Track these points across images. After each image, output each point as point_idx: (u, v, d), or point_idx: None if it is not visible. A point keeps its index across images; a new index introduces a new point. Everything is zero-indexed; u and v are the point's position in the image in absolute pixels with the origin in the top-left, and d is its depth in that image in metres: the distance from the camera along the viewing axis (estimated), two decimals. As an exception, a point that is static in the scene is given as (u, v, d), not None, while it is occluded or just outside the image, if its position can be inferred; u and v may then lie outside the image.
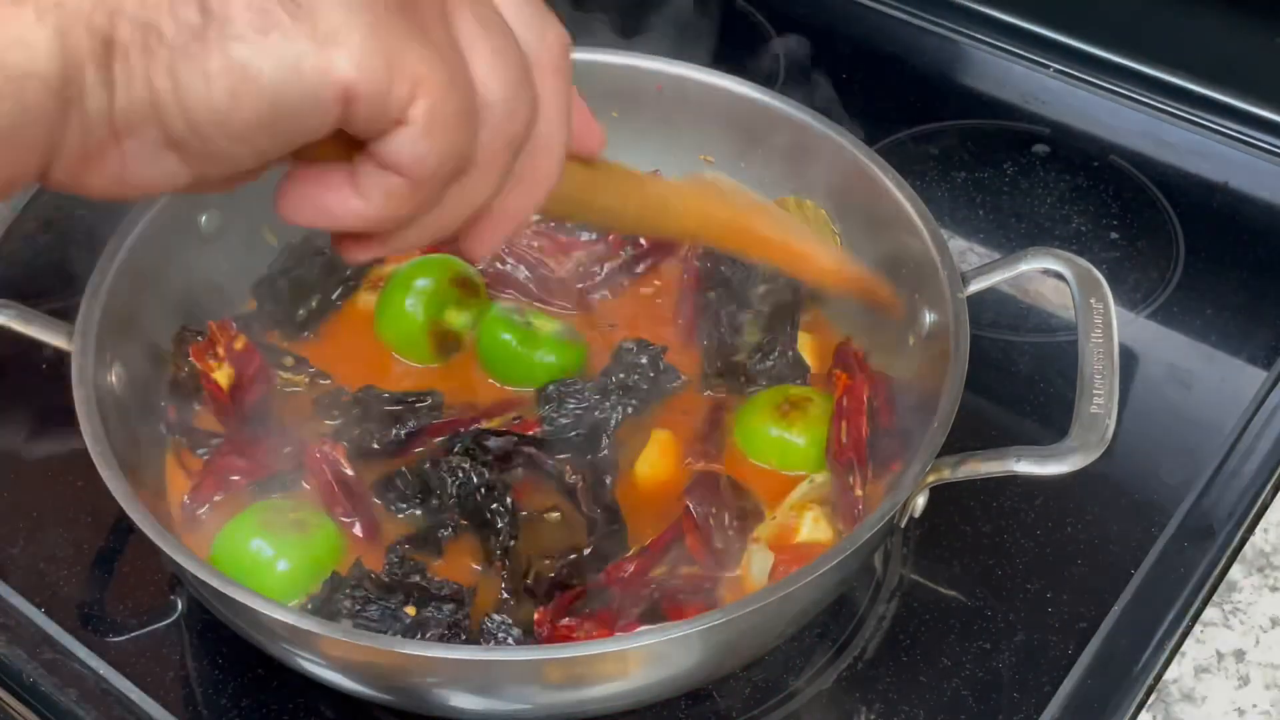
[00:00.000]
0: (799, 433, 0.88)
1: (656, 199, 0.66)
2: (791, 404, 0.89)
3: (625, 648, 0.69)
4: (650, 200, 0.66)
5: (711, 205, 0.71)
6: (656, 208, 0.66)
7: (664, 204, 0.67)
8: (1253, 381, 0.99)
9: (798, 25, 1.25)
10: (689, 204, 0.69)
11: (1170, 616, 0.83)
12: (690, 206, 0.69)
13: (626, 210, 0.64)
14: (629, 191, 0.64)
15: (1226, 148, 1.18)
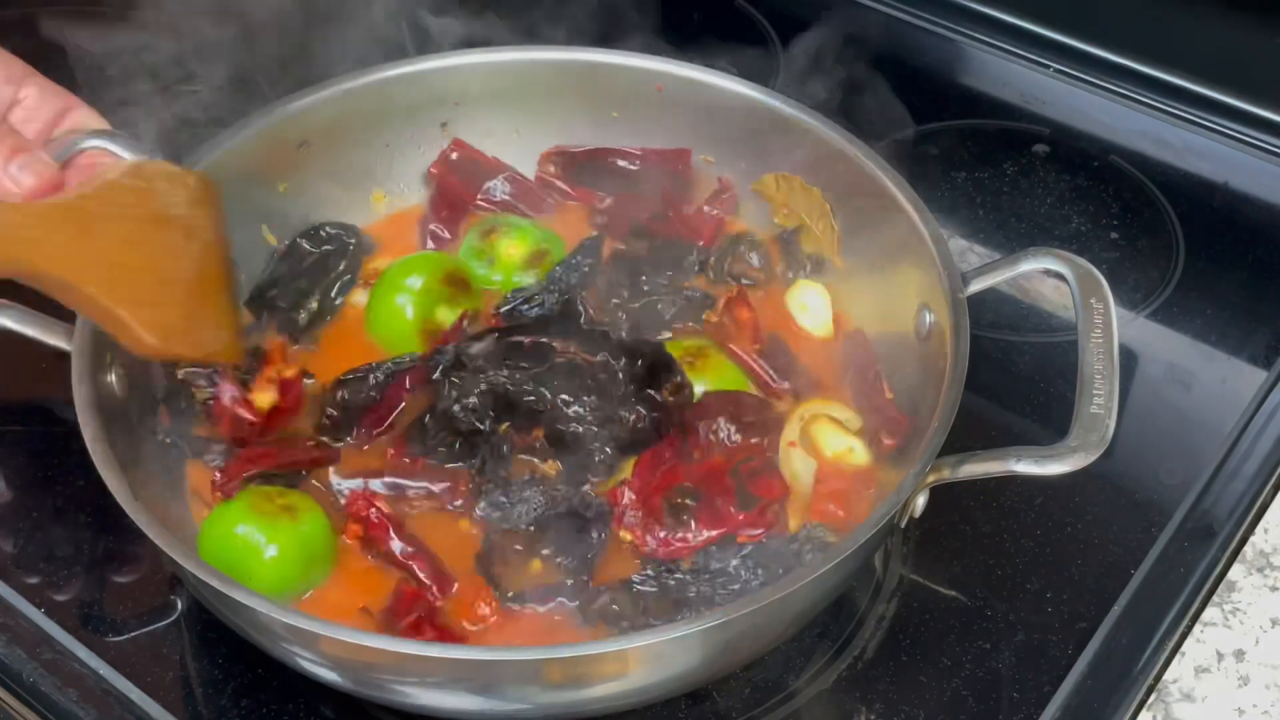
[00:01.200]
0: (709, 378, 0.90)
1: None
2: (694, 354, 0.92)
3: (625, 648, 0.69)
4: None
5: (22, 248, 0.70)
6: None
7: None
8: (1253, 381, 0.99)
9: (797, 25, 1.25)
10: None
11: (1170, 616, 0.83)
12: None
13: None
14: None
15: (1226, 148, 1.18)
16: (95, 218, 0.73)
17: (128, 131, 0.92)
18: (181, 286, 0.79)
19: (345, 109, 0.99)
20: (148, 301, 0.77)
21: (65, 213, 0.72)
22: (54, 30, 1.29)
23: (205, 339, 0.82)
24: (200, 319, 0.82)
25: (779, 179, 0.99)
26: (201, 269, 0.81)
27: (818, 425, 0.88)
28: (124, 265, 0.75)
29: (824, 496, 0.85)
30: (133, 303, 0.75)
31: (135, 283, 0.76)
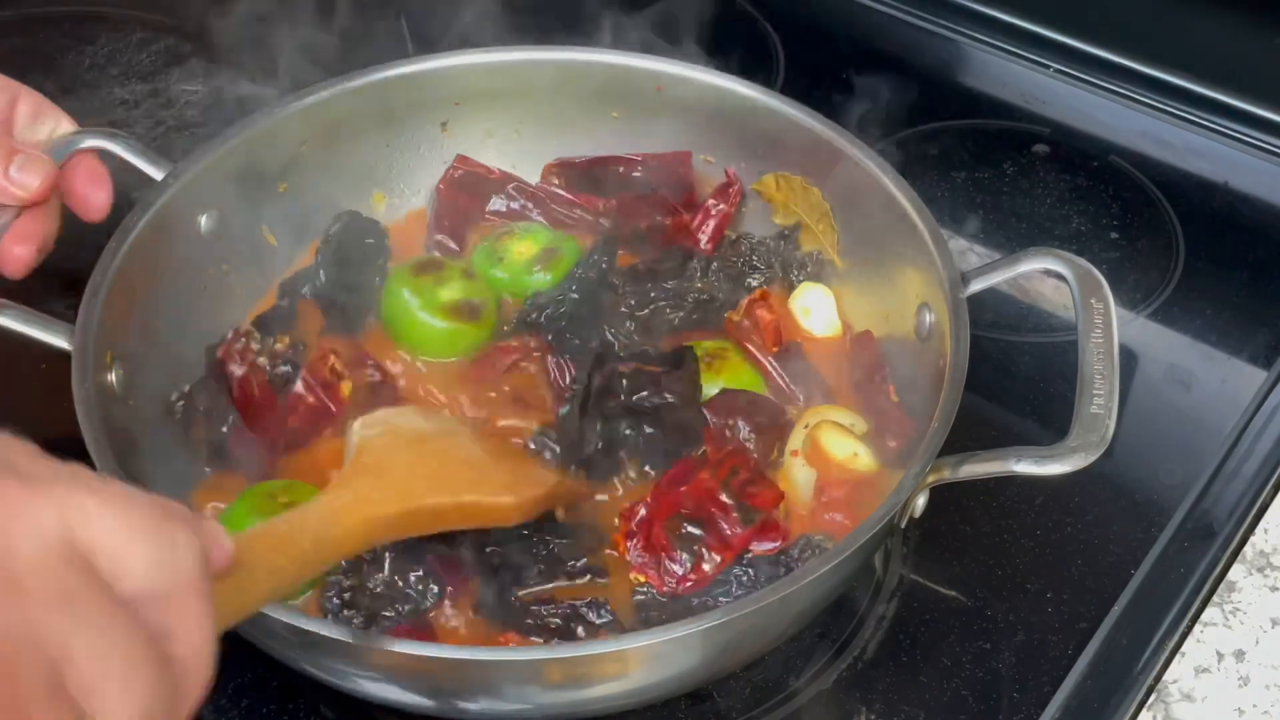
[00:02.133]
0: (726, 380, 0.90)
1: (311, 540, 0.64)
2: (713, 355, 0.92)
3: (625, 648, 0.69)
4: (306, 547, 0.64)
5: (372, 508, 0.69)
6: (317, 546, 0.65)
7: (321, 540, 0.65)
8: (1253, 381, 0.99)
9: (798, 25, 1.26)
10: (348, 521, 0.67)
11: (1170, 616, 0.83)
12: (350, 524, 0.67)
13: (289, 570, 0.62)
14: (280, 556, 0.62)
15: (1226, 148, 1.18)
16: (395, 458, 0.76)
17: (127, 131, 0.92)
18: (484, 459, 0.82)
19: (345, 109, 0.99)
20: (480, 479, 0.79)
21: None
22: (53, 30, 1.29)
23: (541, 476, 0.84)
24: (523, 464, 0.85)
25: (779, 178, 0.99)
26: (479, 443, 0.84)
27: (823, 431, 0.87)
28: (438, 473, 0.77)
29: (827, 507, 0.85)
30: (470, 487, 0.77)
31: (455, 475, 0.78)
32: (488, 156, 1.05)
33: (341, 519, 0.67)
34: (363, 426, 0.78)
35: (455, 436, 0.82)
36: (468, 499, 0.76)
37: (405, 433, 0.79)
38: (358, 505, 0.68)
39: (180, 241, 0.92)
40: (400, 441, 0.77)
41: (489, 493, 0.77)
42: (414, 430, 0.79)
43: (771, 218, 1.01)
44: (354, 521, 0.67)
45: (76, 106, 1.20)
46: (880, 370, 0.91)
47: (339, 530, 0.66)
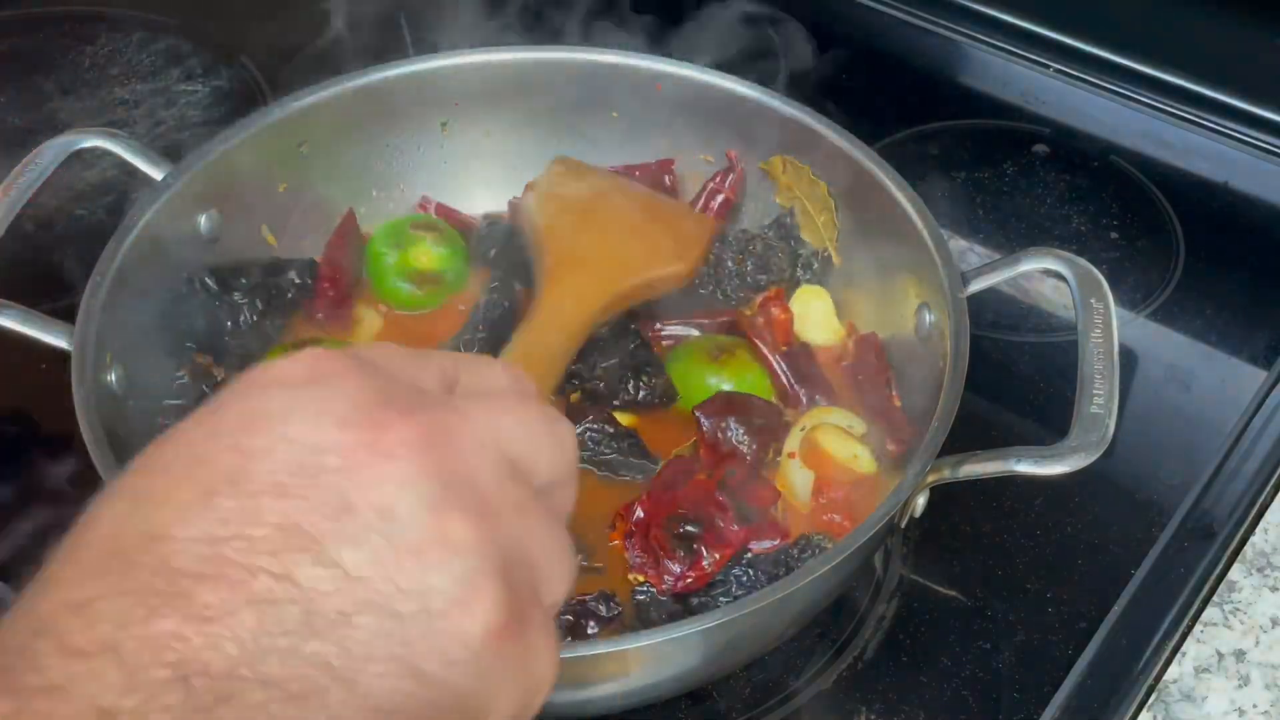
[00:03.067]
0: (730, 376, 0.91)
1: (558, 342, 0.80)
2: (723, 349, 0.93)
3: (625, 648, 0.69)
4: (556, 350, 0.80)
5: (587, 304, 0.82)
6: (563, 345, 0.80)
7: (561, 341, 0.80)
8: (1253, 381, 0.99)
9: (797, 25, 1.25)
10: (574, 325, 0.81)
11: (1170, 616, 0.83)
12: (577, 325, 0.80)
13: (549, 376, 0.80)
14: (541, 366, 0.78)
15: (1226, 148, 1.18)
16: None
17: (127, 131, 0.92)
18: (647, 222, 0.93)
19: (345, 109, 0.99)
20: (654, 249, 0.90)
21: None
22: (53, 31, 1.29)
23: (695, 229, 0.94)
24: (677, 218, 0.95)
25: (786, 162, 0.99)
26: (636, 201, 0.94)
27: (820, 433, 0.87)
28: (620, 250, 0.89)
29: (825, 508, 0.85)
30: (649, 261, 0.89)
31: (635, 251, 0.89)
32: (487, 156, 1.06)
33: (570, 322, 0.79)
34: (538, 201, 0.88)
35: (614, 198, 0.92)
36: (652, 274, 0.87)
37: (574, 203, 0.89)
38: (577, 305, 0.80)
39: (180, 241, 0.92)
40: (575, 216, 0.88)
41: (665, 263, 0.89)
42: (579, 197, 0.89)
43: (774, 197, 1.01)
44: (578, 320, 0.79)
45: (76, 106, 1.21)
46: (884, 373, 0.90)
47: (569, 334, 0.78)
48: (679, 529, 0.80)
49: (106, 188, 1.12)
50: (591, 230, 0.86)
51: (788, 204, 1.00)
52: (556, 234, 0.85)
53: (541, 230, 0.85)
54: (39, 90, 1.23)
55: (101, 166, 1.12)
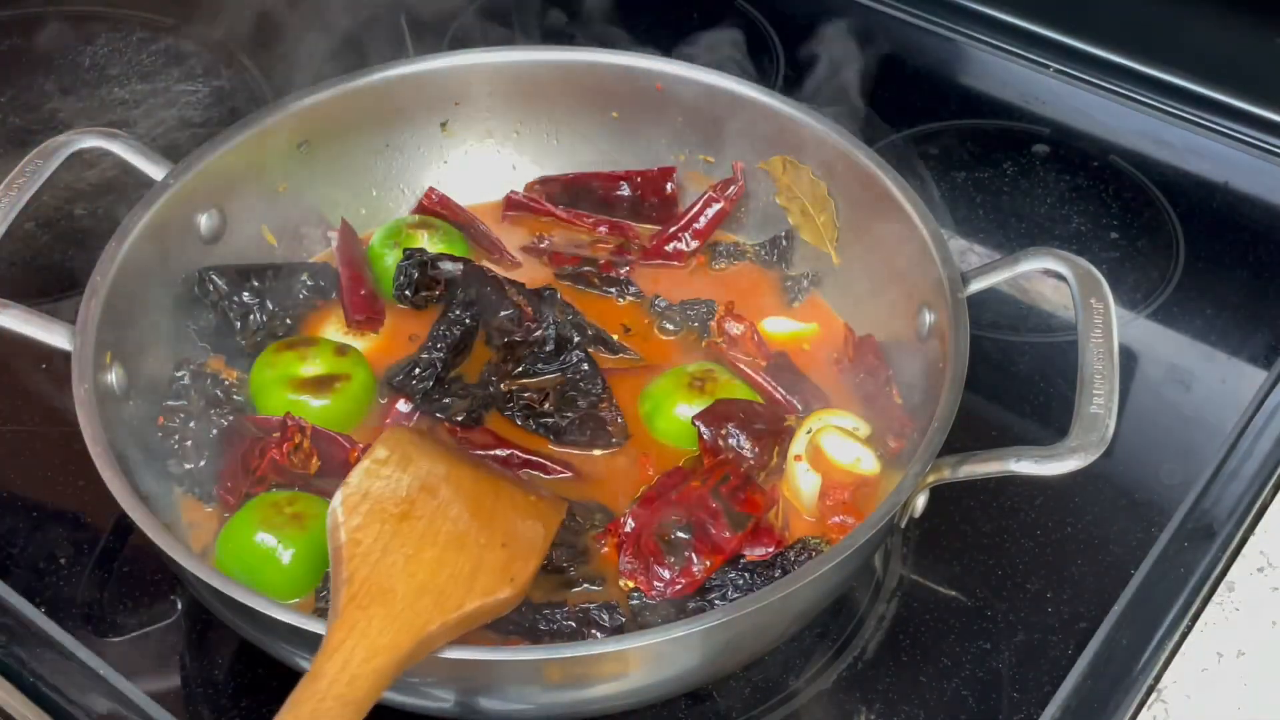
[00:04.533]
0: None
1: (339, 709, 0.64)
2: (700, 378, 0.91)
3: (625, 648, 0.69)
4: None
5: (384, 655, 0.66)
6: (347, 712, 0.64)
7: (348, 703, 0.64)
8: (1253, 381, 0.99)
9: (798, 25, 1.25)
10: (365, 682, 0.65)
11: (1170, 616, 0.83)
12: (369, 683, 0.65)
13: None
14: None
15: (1226, 148, 1.18)
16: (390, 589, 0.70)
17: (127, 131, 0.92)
18: (475, 531, 0.75)
19: (345, 109, 0.99)
20: (475, 571, 0.73)
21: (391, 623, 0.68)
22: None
23: (531, 536, 0.78)
24: (512, 523, 0.78)
25: (787, 163, 0.99)
26: (466, 500, 0.77)
27: (825, 435, 0.87)
28: (436, 576, 0.71)
29: (832, 510, 0.85)
30: (469, 591, 0.71)
31: (452, 576, 0.72)
32: (487, 156, 1.06)
33: (357, 685, 0.64)
34: (344, 509, 0.73)
35: (439, 493, 0.76)
36: (470, 607, 0.70)
37: (389, 508, 0.73)
38: (368, 660, 0.65)
39: (180, 241, 0.92)
40: (388, 528, 0.72)
41: (489, 587, 0.72)
42: (395, 498, 0.74)
43: (774, 198, 1.01)
44: (368, 682, 0.65)
45: (76, 106, 1.21)
46: (884, 372, 0.90)
47: (354, 701, 0.64)
48: (670, 535, 0.79)
49: (106, 188, 1.12)
50: (405, 545, 0.71)
51: (789, 205, 1.00)
52: (360, 551, 0.70)
53: (343, 546, 0.70)
54: (39, 90, 1.23)
55: (101, 166, 1.12)
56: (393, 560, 0.70)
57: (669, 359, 0.95)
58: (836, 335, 0.96)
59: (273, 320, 0.94)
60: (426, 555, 0.71)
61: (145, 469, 0.82)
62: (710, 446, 0.86)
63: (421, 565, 0.71)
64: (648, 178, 1.03)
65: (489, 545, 0.74)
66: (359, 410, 0.90)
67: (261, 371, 0.90)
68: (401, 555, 0.71)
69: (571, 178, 1.05)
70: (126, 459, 0.78)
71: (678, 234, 1.02)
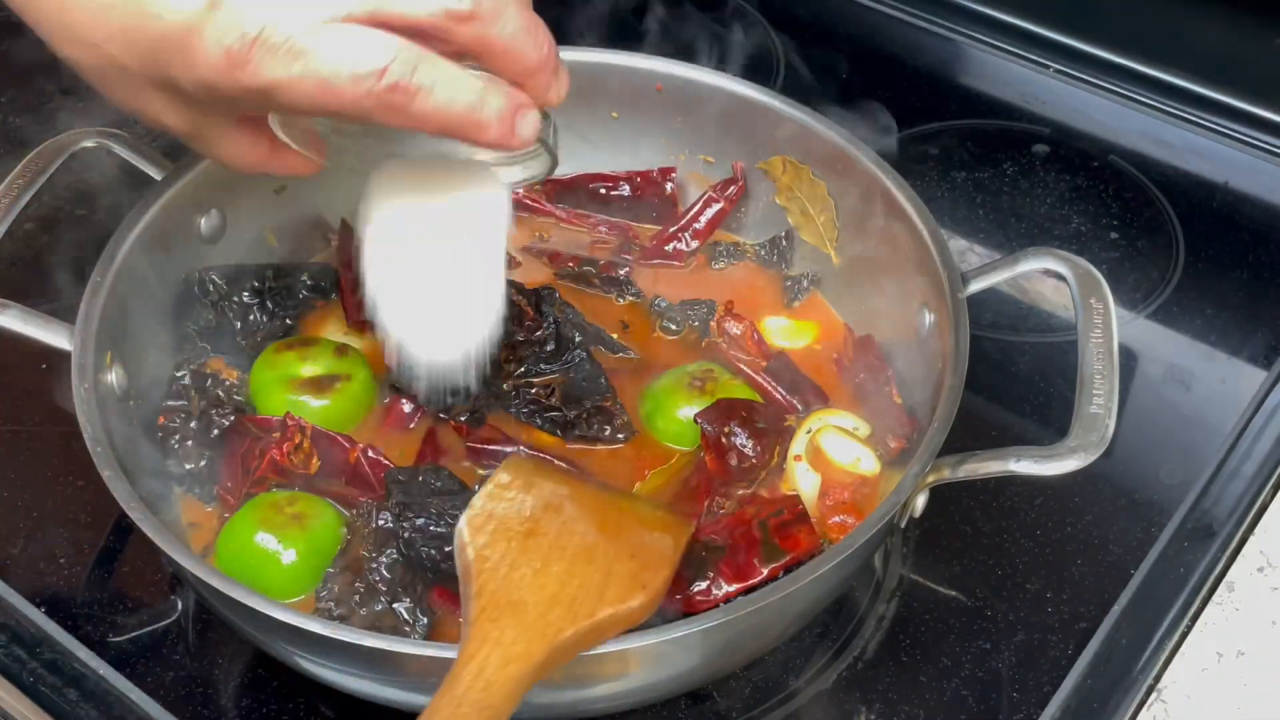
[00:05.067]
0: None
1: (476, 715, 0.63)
2: (701, 378, 0.90)
3: (625, 648, 0.69)
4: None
5: (519, 663, 0.66)
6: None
7: (483, 709, 0.64)
8: (1253, 381, 0.99)
9: (797, 25, 1.26)
10: (501, 688, 0.64)
11: (1170, 616, 0.83)
12: (506, 690, 0.64)
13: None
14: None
15: (1226, 148, 1.18)
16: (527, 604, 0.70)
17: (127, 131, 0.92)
18: (602, 544, 0.75)
19: (345, 109, 0.99)
20: (605, 581, 0.73)
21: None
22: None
23: (661, 547, 0.77)
24: (640, 535, 0.78)
25: (786, 162, 0.99)
26: (592, 516, 0.77)
27: (825, 435, 0.87)
28: (566, 587, 0.71)
29: (832, 510, 0.84)
30: (600, 600, 0.71)
31: (583, 586, 0.72)
32: (488, 156, 1.06)
33: (493, 693, 0.64)
34: (470, 530, 0.73)
35: (564, 510, 0.76)
36: (603, 615, 0.70)
37: (514, 526, 0.74)
38: (503, 668, 0.66)
39: (180, 241, 0.92)
40: (514, 545, 0.73)
41: (620, 596, 0.71)
42: (520, 518, 0.75)
43: (774, 198, 1.01)
44: (504, 689, 0.65)
45: (76, 106, 1.21)
46: (884, 372, 0.90)
47: (498, 697, 0.64)
48: (700, 552, 0.78)
49: (106, 188, 1.11)
50: (532, 560, 0.72)
51: (789, 205, 1.00)
52: (488, 566, 0.71)
53: (471, 563, 0.71)
54: (39, 90, 1.23)
55: (101, 166, 1.12)
56: (521, 574, 0.71)
57: (669, 359, 0.95)
58: (836, 335, 0.96)
59: (273, 320, 0.94)
60: (555, 568, 0.72)
61: (145, 469, 0.82)
62: (713, 444, 0.86)
63: (550, 578, 0.71)
64: (647, 178, 1.04)
65: (618, 557, 0.74)
66: (359, 410, 0.90)
67: (261, 372, 0.90)
68: (530, 569, 0.71)
69: (571, 179, 1.05)
70: (126, 459, 0.78)
71: (678, 234, 1.02)
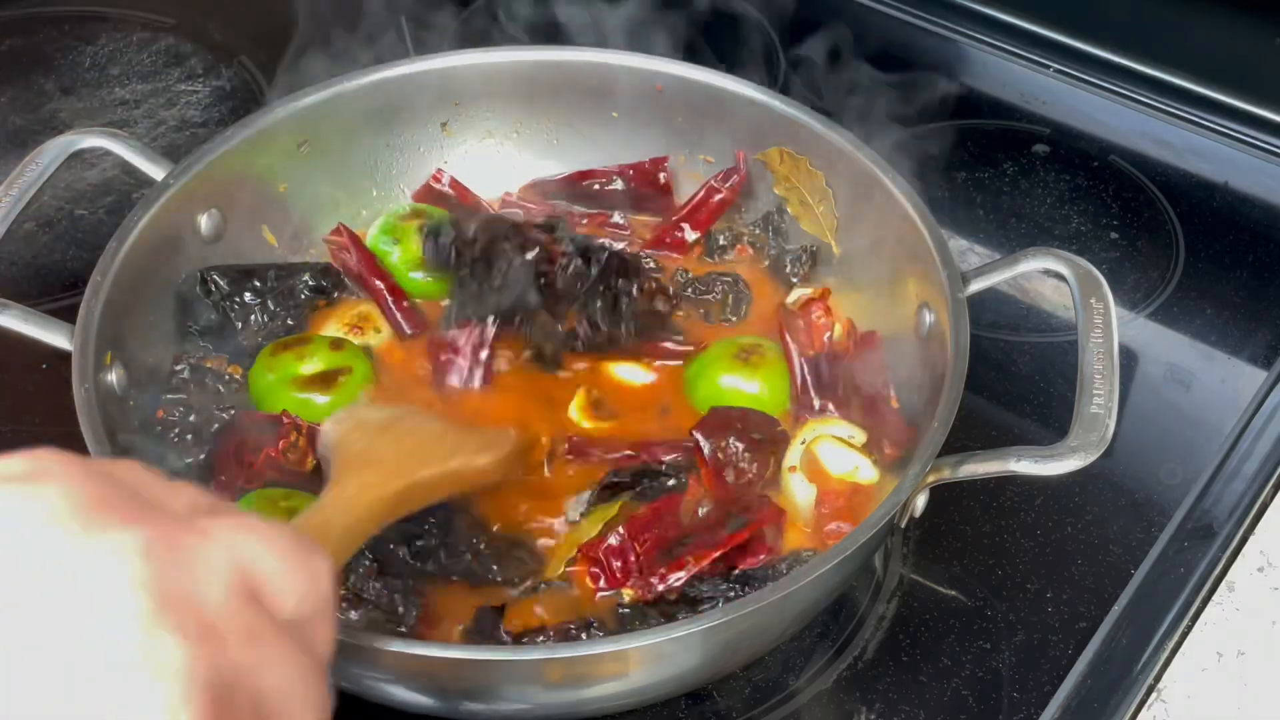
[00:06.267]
0: (755, 377, 0.90)
1: (339, 531, 0.69)
2: (751, 350, 0.91)
3: (625, 648, 0.69)
4: (335, 538, 0.69)
5: (376, 490, 0.74)
6: (343, 535, 0.70)
7: (345, 528, 0.70)
8: (1253, 381, 0.99)
9: (798, 25, 1.25)
10: (359, 508, 0.72)
11: (1170, 616, 0.83)
12: (362, 510, 0.72)
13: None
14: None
15: (1226, 148, 1.18)
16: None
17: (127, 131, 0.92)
18: (451, 432, 0.85)
19: (345, 109, 0.99)
20: (456, 449, 0.83)
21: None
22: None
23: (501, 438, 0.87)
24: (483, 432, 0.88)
25: (783, 153, 0.99)
26: (440, 421, 0.87)
27: (821, 444, 0.87)
28: (419, 449, 0.81)
29: (828, 517, 0.84)
30: (451, 455, 0.81)
31: (434, 448, 0.81)
32: (487, 156, 1.06)
33: (355, 506, 0.71)
34: (333, 424, 0.81)
35: (416, 416, 0.85)
36: (454, 464, 0.81)
37: (372, 423, 0.82)
38: (363, 490, 0.73)
39: (180, 241, 0.92)
40: (371, 431, 0.81)
41: (469, 455, 0.82)
42: (379, 420, 0.83)
43: (773, 188, 1.01)
44: (366, 505, 0.72)
45: (76, 106, 1.21)
46: (882, 373, 0.90)
47: (356, 518, 0.70)
48: (671, 549, 0.79)
49: (106, 188, 1.12)
50: (384, 439, 0.80)
51: (788, 195, 1.00)
52: (346, 444, 0.79)
53: (332, 445, 0.79)
54: (39, 90, 1.23)
55: (102, 166, 1.12)
56: (377, 446, 0.79)
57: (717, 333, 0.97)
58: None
59: (274, 320, 0.94)
60: (408, 442, 0.81)
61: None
62: (710, 460, 0.85)
63: (405, 447, 0.80)
64: (640, 169, 1.03)
65: (464, 436, 0.85)
66: None
67: (262, 375, 0.90)
68: (383, 443, 0.80)
69: (565, 178, 1.05)
70: (127, 459, 0.77)
71: (678, 224, 1.02)
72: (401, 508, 0.75)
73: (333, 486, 0.74)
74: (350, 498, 0.72)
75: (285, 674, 0.42)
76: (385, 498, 0.73)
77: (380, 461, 0.77)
